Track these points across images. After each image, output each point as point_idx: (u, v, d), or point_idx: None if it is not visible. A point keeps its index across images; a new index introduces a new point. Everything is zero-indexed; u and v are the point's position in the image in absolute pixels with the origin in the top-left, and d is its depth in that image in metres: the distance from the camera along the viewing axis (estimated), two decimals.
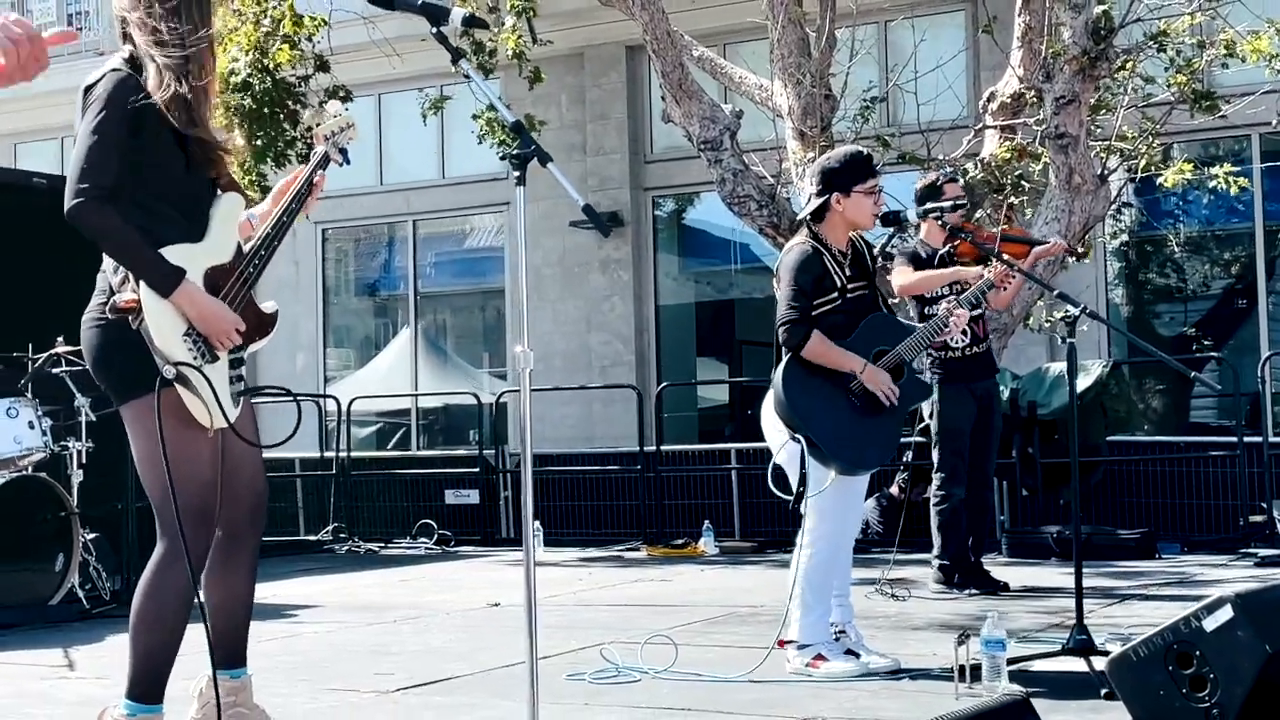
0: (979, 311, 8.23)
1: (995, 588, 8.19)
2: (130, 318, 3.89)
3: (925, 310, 7.90)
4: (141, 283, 3.87)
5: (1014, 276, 6.68)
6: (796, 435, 5.44)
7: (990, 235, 8.18)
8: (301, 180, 4.28)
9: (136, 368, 3.90)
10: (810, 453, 5.42)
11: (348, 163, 4.47)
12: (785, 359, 5.54)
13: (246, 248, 4.15)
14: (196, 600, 3.99)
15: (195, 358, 3.92)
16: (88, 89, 3.94)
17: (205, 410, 3.94)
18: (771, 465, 5.68)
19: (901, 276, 8.12)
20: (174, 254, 3.92)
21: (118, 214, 3.85)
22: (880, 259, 10.17)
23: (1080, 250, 8.71)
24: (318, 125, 4.45)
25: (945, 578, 8.24)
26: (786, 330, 5.49)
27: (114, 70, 3.95)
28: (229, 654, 4.18)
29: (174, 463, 3.90)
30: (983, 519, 8.65)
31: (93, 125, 3.86)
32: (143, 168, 3.93)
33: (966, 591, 8.12)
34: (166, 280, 3.86)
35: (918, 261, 8.15)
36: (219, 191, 4.14)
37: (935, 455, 8.26)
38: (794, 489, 5.47)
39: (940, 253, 8.11)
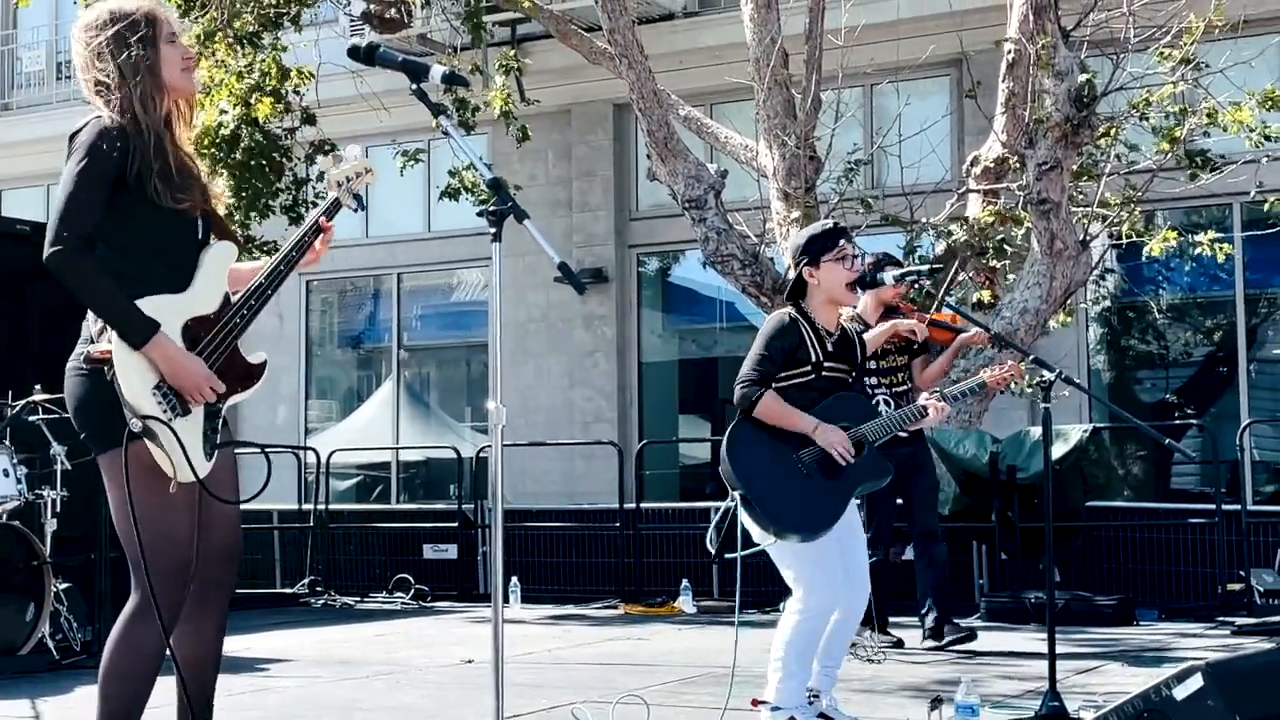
0: (905, 388, 8.26)
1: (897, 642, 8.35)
2: (105, 368, 3.87)
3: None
4: (114, 334, 3.86)
5: (1006, 384, 6.57)
6: (734, 492, 5.40)
7: (920, 318, 8.28)
8: (305, 227, 4.21)
9: (111, 419, 3.87)
10: (745, 509, 5.38)
11: (363, 208, 4.37)
12: (736, 419, 5.51)
13: (235, 298, 4.10)
14: (168, 653, 3.95)
15: (164, 411, 3.88)
16: (72, 136, 3.95)
17: (172, 464, 3.89)
18: (716, 519, 5.63)
19: None
20: (152, 305, 3.89)
21: (94, 263, 3.84)
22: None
23: (1001, 335, 8.77)
24: (331, 171, 4.35)
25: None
26: (743, 389, 5.42)
27: (97, 118, 3.96)
28: (200, 710, 4.13)
29: (149, 517, 3.88)
30: (932, 572, 8.53)
31: (73, 173, 3.87)
32: (129, 215, 3.92)
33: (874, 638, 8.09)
34: (139, 332, 3.84)
35: None
36: (211, 239, 4.11)
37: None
38: (730, 545, 5.43)
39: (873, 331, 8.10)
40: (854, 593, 5.61)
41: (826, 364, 5.55)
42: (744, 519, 5.41)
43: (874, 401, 6.31)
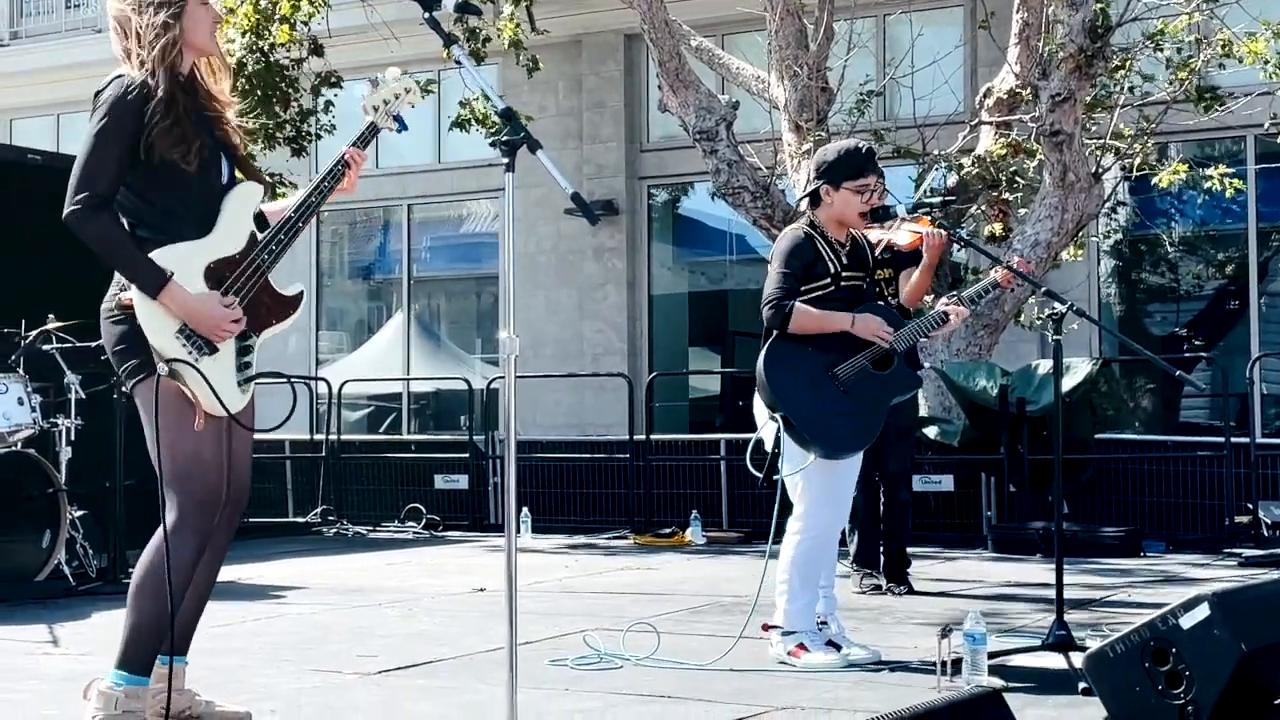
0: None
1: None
2: (132, 315, 4.01)
3: None
4: (133, 285, 3.98)
5: (1017, 282, 6.53)
6: (775, 415, 5.45)
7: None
8: (337, 158, 4.25)
9: (143, 359, 4.02)
10: (787, 432, 5.43)
11: (404, 128, 4.34)
12: (768, 341, 5.55)
13: (263, 235, 4.20)
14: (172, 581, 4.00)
15: (190, 352, 4.00)
16: (97, 93, 4.04)
17: (200, 400, 4.02)
18: (754, 442, 5.70)
19: None
20: (171, 254, 3.99)
21: (109, 220, 3.97)
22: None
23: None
24: (368, 97, 4.30)
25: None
26: (772, 308, 5.48)
27: (120, 76, 4.05)
28: (180, 641, 4.18)
29: (181, 447, 4.02)
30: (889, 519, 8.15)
31: (93, 132, 3.98)
32: (152, 168, 4.01)
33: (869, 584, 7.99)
34: (150, 284, 3.96)
35: None
36: (237, 180, 4.21)
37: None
38: (775, 467, 5.48)
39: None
40: (844, 506, 5.77)
41: (844, 274, 5.61)
42: (784, 440, 5.45)
43: None
